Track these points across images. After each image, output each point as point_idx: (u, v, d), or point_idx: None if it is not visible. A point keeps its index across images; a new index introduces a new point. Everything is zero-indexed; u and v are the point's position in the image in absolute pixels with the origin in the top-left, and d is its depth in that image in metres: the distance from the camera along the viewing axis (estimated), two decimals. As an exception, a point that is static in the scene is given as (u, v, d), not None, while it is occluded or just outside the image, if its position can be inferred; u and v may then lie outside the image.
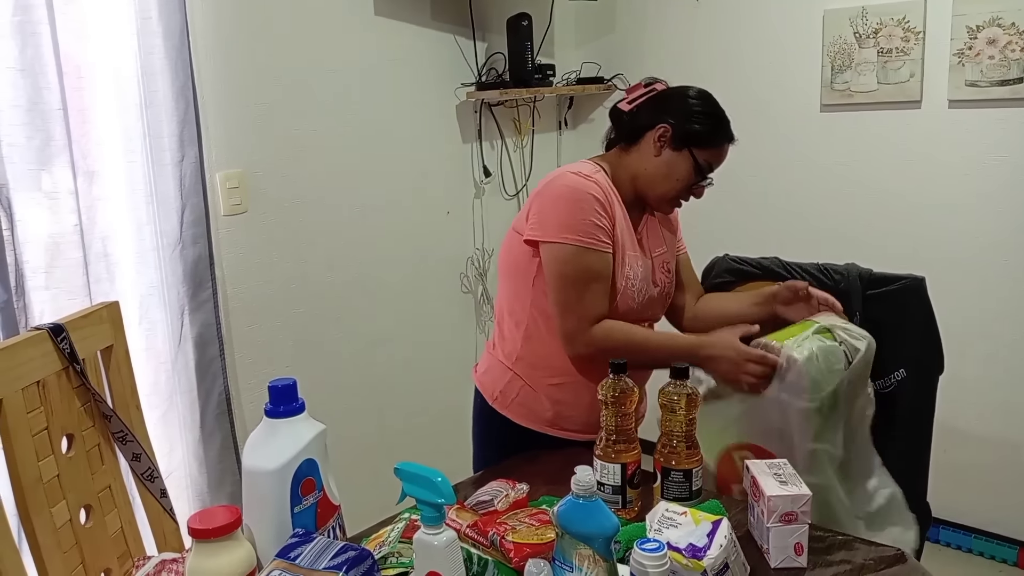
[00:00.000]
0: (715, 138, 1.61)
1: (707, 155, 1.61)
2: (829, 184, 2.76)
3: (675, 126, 1.59)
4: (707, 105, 1.64)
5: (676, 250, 1.79)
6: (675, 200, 1.66)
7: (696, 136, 1.59)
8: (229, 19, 2.19)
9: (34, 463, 1.26)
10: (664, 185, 1.61)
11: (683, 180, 1.61)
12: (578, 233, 1.51)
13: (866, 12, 2.57)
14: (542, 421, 1.64)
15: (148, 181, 2.03)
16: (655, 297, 1.66)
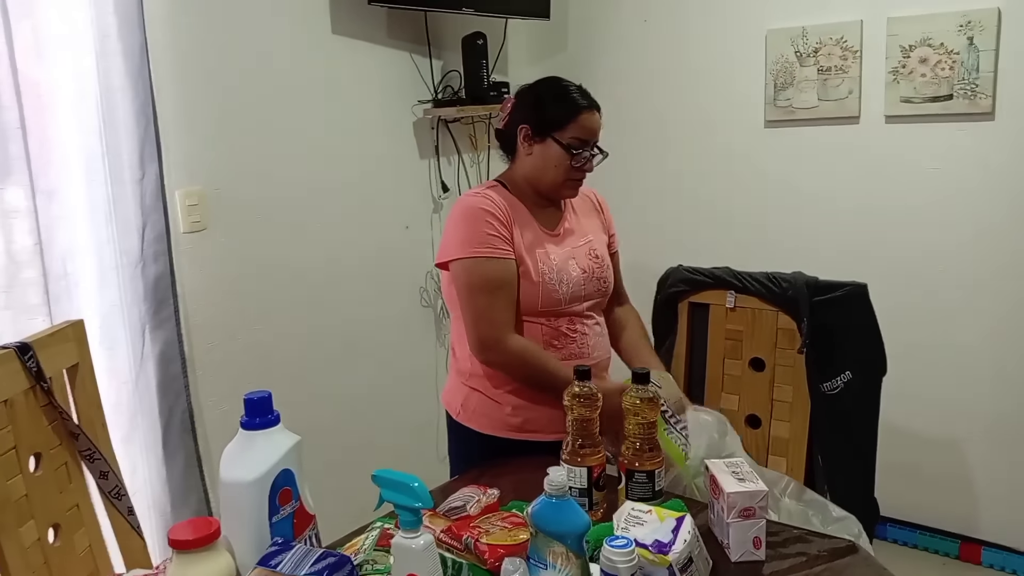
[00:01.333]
0: (565, 116, 1.68)
1: (568, 134, 1.68)
2: (776, 196, 2.87)
3: (530, 122, 1.70)
4: (548, 90, 1.73)
5: (610, 247, 1.87)
6: (565, 183, 1.72)
7: (548, 122, 1.69)
8: (188, 38, 2.20)
9: (3, 482, 1.26)
10: (547, 175, 1.70)
11: (561, 164, 1.69)
12: (475, 245, 1.62)
13: (806, 32, 2.69)
14: (507, 427, 1.70)
15: (108, 199, 2.02)
16: (582, 282, 1.72)
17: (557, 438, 1.49)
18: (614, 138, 3.12)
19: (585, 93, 1.73)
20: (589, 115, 1.69)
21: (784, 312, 1.79)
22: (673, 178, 3.09)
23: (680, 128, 3.05)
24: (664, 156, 3.10)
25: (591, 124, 1.70)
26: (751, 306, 1.85)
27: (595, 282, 1.76)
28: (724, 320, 1.89)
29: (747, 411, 1.87)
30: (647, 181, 3.15)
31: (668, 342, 1.97)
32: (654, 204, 3.14)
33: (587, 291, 1.74)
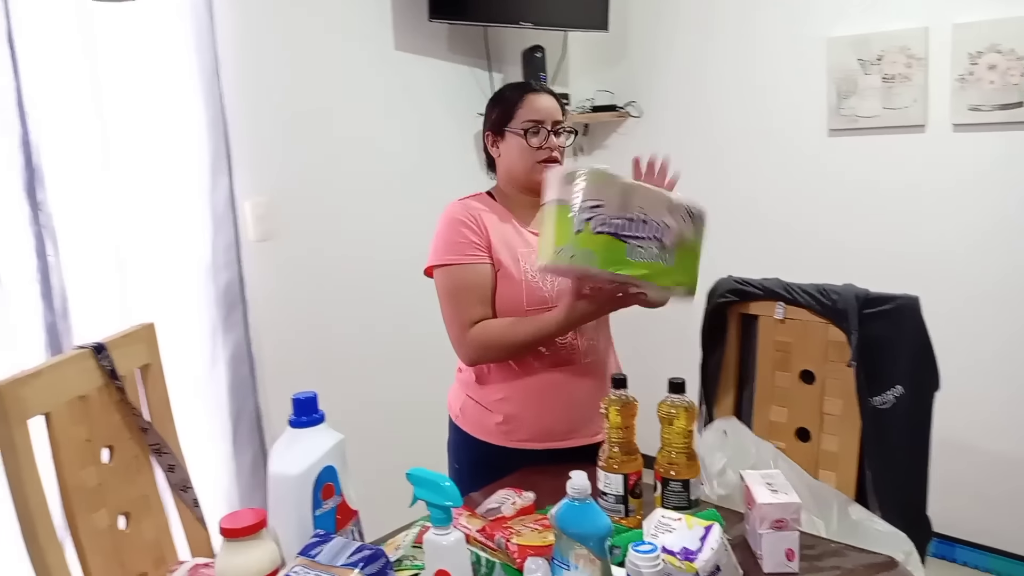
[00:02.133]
0: (511, 106, 1.72)
1: (518, 121, 1.71)
2: (836, 205, 2.83)
3: (490, 127, 1.76)
4: (495, 95, 1.80)
5: None
6: (534, 168, 1.71)
7: (500, 119, 1.73)
8: (257, 55, 2.32)
9: (78, 471, 1.36)
10: (517, 167, 1.73)
11: (523, 151, 1.71)
12: (449, 253, 1.69)
13: (869, 40, 2.64)
14: (497, 435, 1.73)
15: (183, 210, 2.16)
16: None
17: (544, 447, 1.63)
18: (672, 145, 3.16)
19: (530, 81, 1.80)
20: (533, 97, 1.71)
21: (834, 324, 1.78)
22: (731, 187, 3.08)
23: (739, 136, 3.04)
24: (722, 165, 3.09)
25: (538, 104, 1.71)
26: (801, 318, 1.83)
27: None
28: (773, 332, 1.88)
29: (796, 424, 1.85)
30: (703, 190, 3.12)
31: (717, 353, 1.97)
32: (716, 213, 3.11)
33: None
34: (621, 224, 1.45)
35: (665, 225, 1.48)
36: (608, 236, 1.44)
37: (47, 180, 1.84)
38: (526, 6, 2.87)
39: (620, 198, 1.46)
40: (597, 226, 1.44)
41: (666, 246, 1.48)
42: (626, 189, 1.48)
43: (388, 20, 2.65)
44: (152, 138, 2.09)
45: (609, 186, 1.46)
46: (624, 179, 1.50)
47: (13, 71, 1.76)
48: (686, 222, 1.51)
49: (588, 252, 1.43)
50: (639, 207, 1.46)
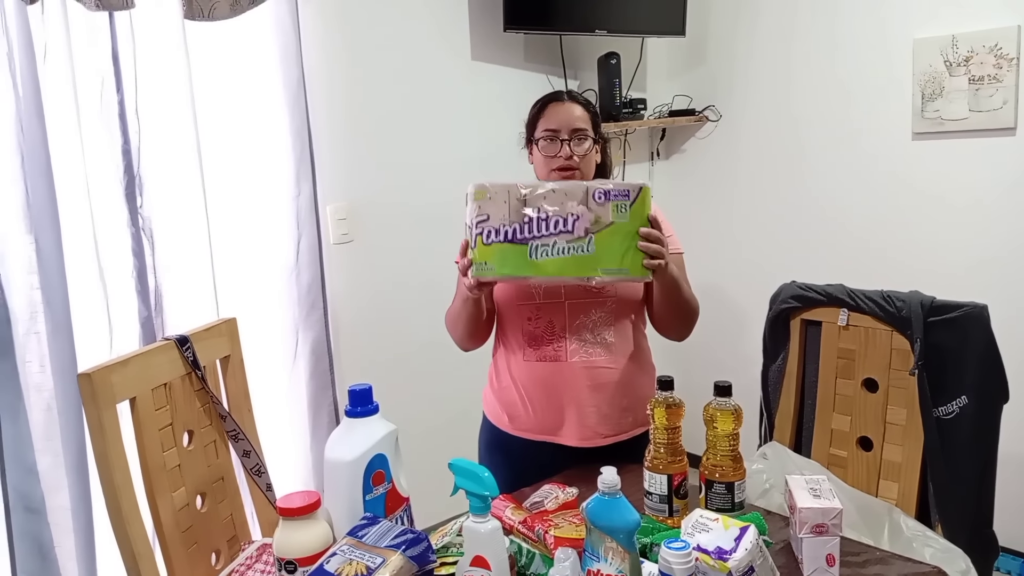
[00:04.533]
0: (533, 117, 1.76)
1: (539, 130, 1.74)
2: (916, 212, 2.75)
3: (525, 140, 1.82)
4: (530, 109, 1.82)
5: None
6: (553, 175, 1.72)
7: (528, 131, 1.79)
8: (339, 68, 2.45)
9: (159, 453, 1.49)
10: (539, 173, 1.76)
11: (541, 161, 1.74)
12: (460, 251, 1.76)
13: (956, 40, 2.56)
14: (501, 421, 1.80)
15: (269, 214, 2.30)
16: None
17: (542, 439, 1.71)
18: (751, 149, 3.14)
19: (560, 91, 1.78)
20: (555, 106, 1.73)
21: (898, 332, 1.74)
22: (808, 191, 3.03)
23: (819, 140, 2.98)
24: (800, 169, 3.04)
25: (557, 113, 1.72)
26: (864, 325, 1.80)
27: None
28: (837, 338, 1.86)
29: (859, 433, 1.82)
30: (780, 193, 3.10)
31: (780, 359, 1.96)
32: (789, 217, 3.08)
33: (568, 289, 1.70)
34: (513, 229, 1.51)
35: (574, 216, 1.50)
36: (501, 244, 1.51)
37: (145, 186, 2.00)
38: (602, 14, 2.91)
39: (507, 205, 1.51)
40: (488, 238, 1.52)
41: (579, 236, 1.50)
42: (514, 194, 1.52)
43: (465, 31, 2.74)
44: (242, 147, 2.24)
45: (492, 198, 1.52)
46: (512, 184, 1.53)
47: (116, 86, 1.93)
48: (603, 205, 1.50)
49: (484, 264, 1.52)
50: (536, 207, 1.51)
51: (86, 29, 1.88)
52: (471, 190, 1.55)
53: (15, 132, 1.76)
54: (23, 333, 1.79)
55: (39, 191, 1.79)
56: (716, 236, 3.30)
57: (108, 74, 1.92)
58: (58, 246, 1.83)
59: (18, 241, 1.77)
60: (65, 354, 1.84)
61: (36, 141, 1.78)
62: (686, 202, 3.37)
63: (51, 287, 1.81)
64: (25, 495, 1.79)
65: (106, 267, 1.94)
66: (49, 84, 1.82)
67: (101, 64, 1.91)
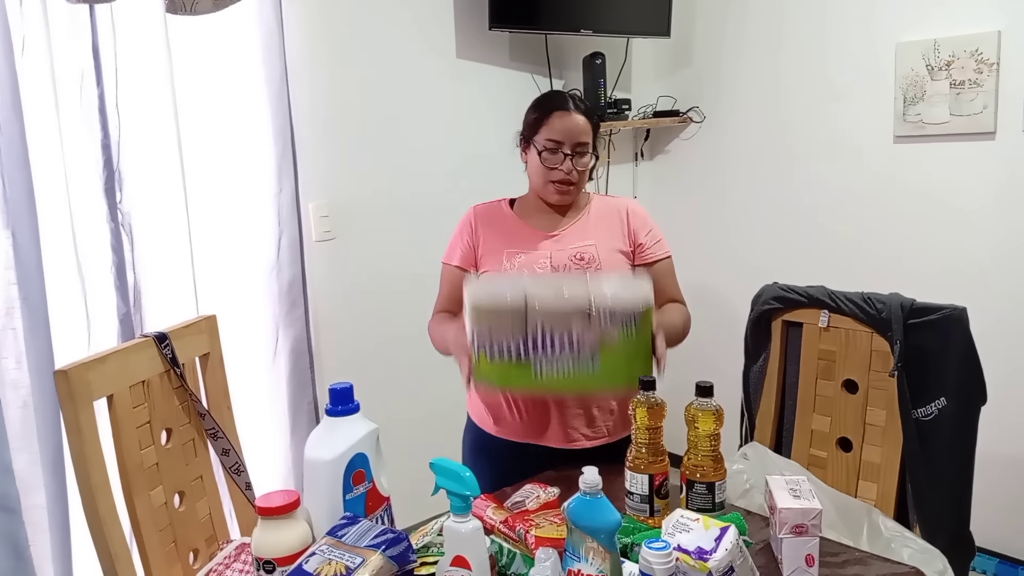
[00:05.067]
0: (537, 121, 1.72)
1: (541, 137, 1.71)
2: (897, 215, 2.77)
3: (521, 135, 1.79)
4: (532, 103, 1.79)
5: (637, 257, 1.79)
6: (546, 187, 1.73)
7: (526, 131, 1.76)
8: (322, 65, 2.43)
9: (137, 451, 1.47)
10: (533, 179, 1.77)
11: (540, 169, 1.72)
12: (447, 252, 1.84)
13: (938, 45, 2.58)
14: (486, 423, 1.81)
15: (250, 211, 2.28)
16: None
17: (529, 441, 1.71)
18: (734, 150, 3.16)
19: (568, 98, 1.72)
20: (561, 115, 1.69)
21: (878, 334, 1.75)
22: (790, 192, 3.05)
23: (802, 142, 3.00)
24: (783, 170, 3.06)
25: (563, 124, 1.68)
26: (845, 326, 1.82)
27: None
28: (817, 340, 1.86)
29: (838, 433, 1.83)
30: (763, 194, 3.12)
31: (761, 360, 1.96)
32: (772, 219, 3.10)
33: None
34: (518, 349, 1.48)
35: (579, 335, 1.48)
36: (505, 363, 1.49)
37: (125, 181, 1.98)
38: (587, 14, 2.91)
39: (510, 324, 1.48)
40: (492, 356, 1.49)
41: (584, 355, 1.49)
42: (517, 313, 1.48)
43: (450, 29, 2.73)
44: (223, 143, 2.22)
45: (496, 316, 1.48)
46: (516, 302, 1.48)
47: (96, 79, 1.91)
48: (609, 325, 1.48)
49: (487, 380, 1.51)
50: (540, 324, 1.47)
51: (66, 22, 1.86)
52: (468, 305, 1.51)
53: (-8, 125, 1.73)
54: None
55: (17, 185, 1.77)
56: (699, 237, 3.32)
57: (88, 68, 1.90)
58: (36, 241, 1.81)
59: (-6, 236, 1.75)
60: (42, 351, 1.82)
61: (14, 135, 1.76)
62: (669, 203, 3.38)
63: (28, 283, 1.79)
64: (1, 494, 1.76)
65: (84, 263, 1.92)
66: (28, 77, 1.80)
67: (81, 57, 1.89)
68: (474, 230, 1.80)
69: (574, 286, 1.51)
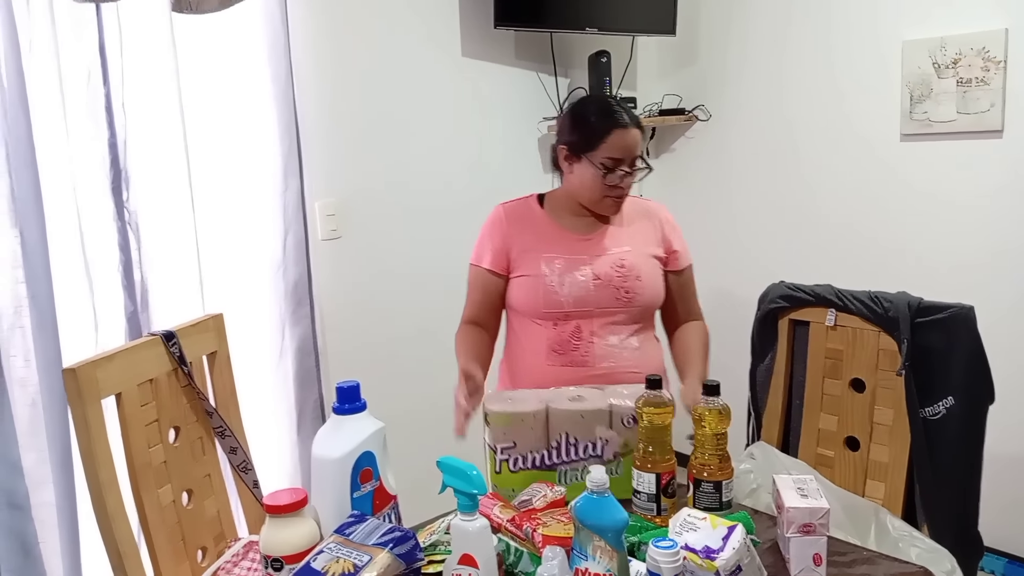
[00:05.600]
0: (596, 137, 1.69)
1: (600, 154, 1.69)
2: (904, 213, 2.76)
3: (567, 143, 1.75)
4: (583, 110, 1.77)
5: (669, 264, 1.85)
6: (603, 201, 1.74)
7: (580, 144, 1.72)
8: (328, 64, 2.43)
9: (145, 449, 1.48)
10: (585, 193, 1.75)
11: (596, 182, 1.71)
12: (475, 254, 1.85)
13: (945, 43, 2.57)
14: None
15: (256, 209, 2.28)
16: (591, 288, 1.73)
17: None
18: (740, 149, 3.15)
19: (620, 111, 1.71)
20: (621, 133, 1.69)
21: (885, 333, 1.75)
22: (797, 191, 3.04)
23: (808, 141, 2.99)
24: (789, 169, 3.05)
25: (623, 142, 1.69)
26: (852, 325, 1.81)
27: (610, 290, 1.74)
28: (824, 339, 1.86)
29: (846, 433, 1.83)
30: (768, 193, 3.11)
31: (768, 359, 1.96)
32: (778, 217, 3.10)
33: (598, 297, 1.73)
34: (541, 456, 1.50)
35: (603, 441, 1.50)
36: (529, 471, 1.50)
37: (131, 180, 1.98)
38: (592, 12, 2.91)
39: (533, 432, 1.49)
40: (514, 466, 1.50)
41: (608, 460, 1.51)
42: (538, 420, 1.49)
43: (455, 27, 2.73)
44: (229, 142, 2.22)
45: (517, 424, 1.49)
46: (538, 408, 1.50)
47: (103, 78, 1.91)
48: (631, 428, 1.50)
49: (509, 487, 1.49)
50: (563, 432, 1.49)
51: (72, 21, 1.86)
52: (486, 412, 1.52)
53: (0, 125, 1.74)
54: (7, 327, 1.77)
55: (24, 184, 1.77)
56: (705, 235, 3.30)
57: (95, 67, 1.90)
58: (43, 240, 1.81)
59: (3, 235, 1.75)
60: (50, 349, 1.82)
61: (21, 134, 1.76)
62: (675, 201, 3.36)
63: (36, 281, 1.79)
64: (9, 491, 1.77)
65: (92, 261, 1.92)
66: (34, 76, 1.80)
67: (87, 56, 1.89)
68: (505, 231, 1.79)
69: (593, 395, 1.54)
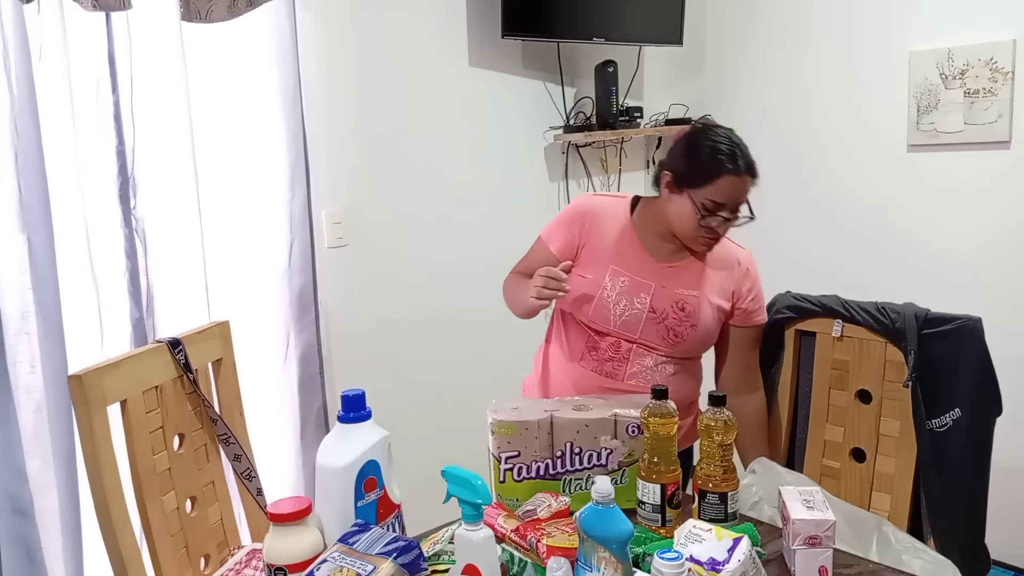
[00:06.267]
0: (704, 177, 1.63)
1: (704, 194, 1.63)
2: (911, 224, 2.76)
3: (672, 170, 1.68)
4: (699, 144, 1.66)
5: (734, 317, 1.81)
6: (695, 239, 1.70)
7: (686, 178, 1.65)
8: (336, 73, 2.44)
9: (149, 456, 1.48)
10: (679, 225, 1.70)
11: (691, 220, 1.66)
12: (546, 231, 1.83)
13: (952, 54, 2.57)
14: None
15: (262, 217, 2.28)
16: (644, 320, 1.71)
17: None
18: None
19: (737, 155, 1.64)
20: (731, 179, 1.62)
21: (892, 344, 1.74)
22: (803, 202, 3.03)
23: (815, 151, 2.99)
24: (796, 179, 3.05)
25: (731, 189, 1.63)
26: (859, 336, 1.80)
27: (661, 328, 1.71)
28: (831, 349, 1.85)
29: (852, 444, 1.82)
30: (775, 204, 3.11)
31: (774, 369, 1.95)
32: (784, 227, 3.09)
33: (645, 331, 1.72)
34: (546, 466, 1.50)
35: (607, 450, 1.50)
36: (533, 481, 1.50)
37: (139, 187, 1.99)
38: (599, 22, 2.91)
39: (537, 441, 1.49)
40: (518, 475, 1.50)
41: (613, 470, 1.51)
42: (543, 430, 1.49)
43: (463, 37, 2.74)
44: (236, 150, 2.22)
45: (521, 433, 1.49)
46: (542, 417, 1.50)
47: (112, 86, 1.92)
48: (635, 438, 1.50)
49: (512, 497, 1.49)
50: (568, 441, 1.49)
51: (82, 29, 1.87)
52: (491, 421, 1.52)
53: (9, 132, 1.74)
54: (14, 333, 1.77)
55: (32, 191, 1.78)
56: (711, 245, 3.31)
57: (104, 75, 1.91)
58: (50, 246, 1.82)
59: (10, 241, 1.76)
60: (56, 355, 1.82)
61: (30, 141, 1.77)
62: (681, 211, 3.37)
63: (43, 287, 1.80)
64: (13, 497, 1.77)
65: (98, 268, 1.93)
66: (44, 84, 1.81)
67: (97, 64, 1.90)
68: (585, 225, 1.77)
69: (598, 405, 1.54)
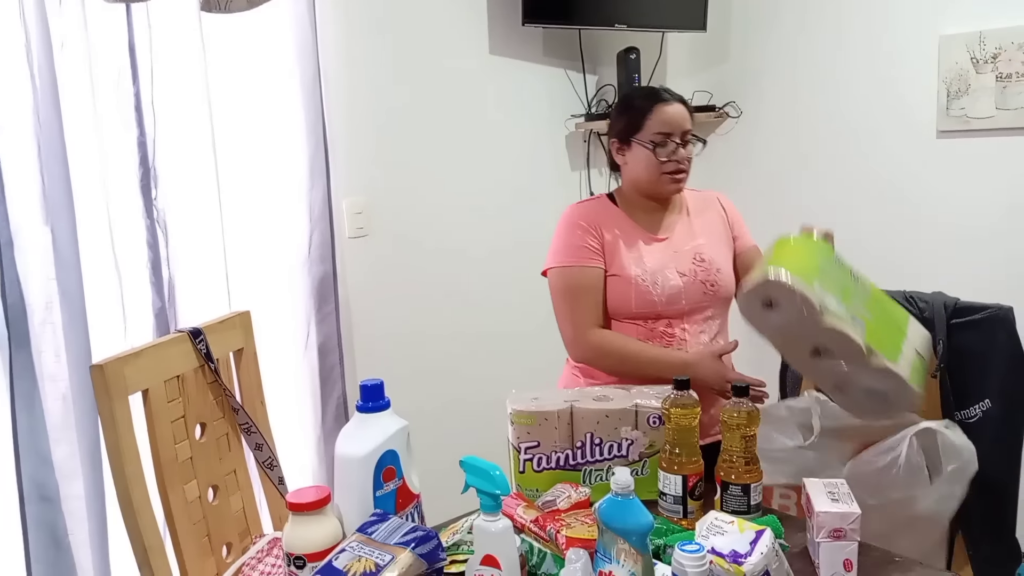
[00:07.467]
0: (639, 117, 1.73)
1: (648, 132, 1.72)
2: (940, 211, 2.70)
3: (615, 133, 1.78)
4: (622, 101, 1.87)
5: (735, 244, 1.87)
6: (661, 179, 1.74)
7: (627, 128, 1.76)
8: (356, 63, 2.43)
9: (171, 445, 1.48)
10: (645, 176, 1.76)
11: (650, 162, 1.73)
12: (567, 256, 1.77)
13: (984, 37, 2.51)
14: None
15: (283, 207, 2.29)
16: (681, 286, 1.74)
17: None
18: (771, 146, 3.10)
19: (660, 90, 1.77)
20: (664, 107, 1.72)
21: (920, 334, 1.71)
22: (829, 189, 2.98)
23: (842, 138, 2.94)
24: (822, 166, 3.00)
25: (668, 116, 1.72)
26: (886, 326, 1.77)
27: (698, 285, 1.76)
28: (857, 339, 1.82)
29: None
30: (800, 192, 3.06)
31: (799, 359, 1.92)
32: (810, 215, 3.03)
33: (688, 296, 1.75)
34: (566, 456, 1.50)
35: (628, 441, 1.50)
36: (553, 471, 1.49)
37: (160, 178, 2.00)
38: (621, 8, 2.88)
39: (557, 431, 1.49)
40: (538, 465, 1.50)
41: (633, 460, 1.50)
42: (563, 420, 1.49)
43: (483, 25, 2.72)
44: (257, 141, 2.23)
45: (541, 423, 1.49)
46: (562, 408, 1.50)
47: (132, 77, 1.93)
48: (656, 429, 1.49)
49: (533, 487, 1.49)
50: (588, 432, 1.49)
51: (103, 20, 1.88)
52: (510, 411, 1.53)
53: (32, 123, 1.76)
54: (39, 323, 1.79)
55: (55, 182, 1.79)
56: (735, 234, 3.27)
57: (124, 66, 1.92)
58: (74, 237, 1.83)
59: (34, 232, 1.77)
60: (80, 344, 1.84)
61: (52, 132, 1.78)
62: (704, 199, 3.34)
63: (67, 278, 1.81)
64: (40, 484, 1.79)
65: (121, 258, 1.94)
66: (66, 75, 1.82)
67: (118, 56, 1.91)
68: (597, 231, 1.77)
69: (618, 395, 1.54)
